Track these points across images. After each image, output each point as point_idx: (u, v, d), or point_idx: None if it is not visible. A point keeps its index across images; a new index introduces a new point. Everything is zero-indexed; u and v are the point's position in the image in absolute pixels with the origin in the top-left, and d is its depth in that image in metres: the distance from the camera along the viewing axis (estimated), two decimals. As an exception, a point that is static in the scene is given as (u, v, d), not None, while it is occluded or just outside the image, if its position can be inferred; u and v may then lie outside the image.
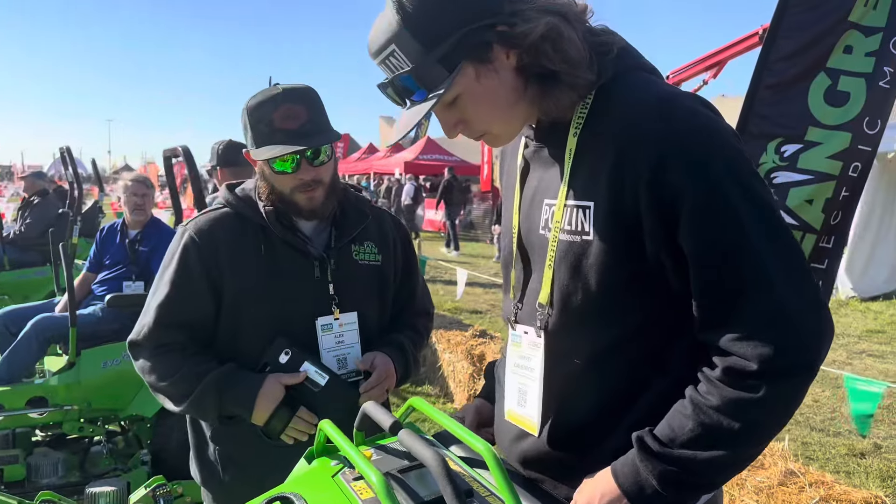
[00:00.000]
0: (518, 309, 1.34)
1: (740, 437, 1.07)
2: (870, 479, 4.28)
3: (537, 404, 1.27)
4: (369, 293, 1.97)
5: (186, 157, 4.16)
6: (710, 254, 1.08)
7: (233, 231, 1.85)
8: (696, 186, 1.07)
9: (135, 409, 3.99)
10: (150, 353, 1.83)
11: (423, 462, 1.05)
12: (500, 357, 1.53)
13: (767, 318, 1.06)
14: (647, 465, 1.11)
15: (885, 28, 3.80)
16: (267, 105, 1.76)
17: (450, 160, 23.49)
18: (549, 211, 1.24)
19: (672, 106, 1.12)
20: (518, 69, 1.17)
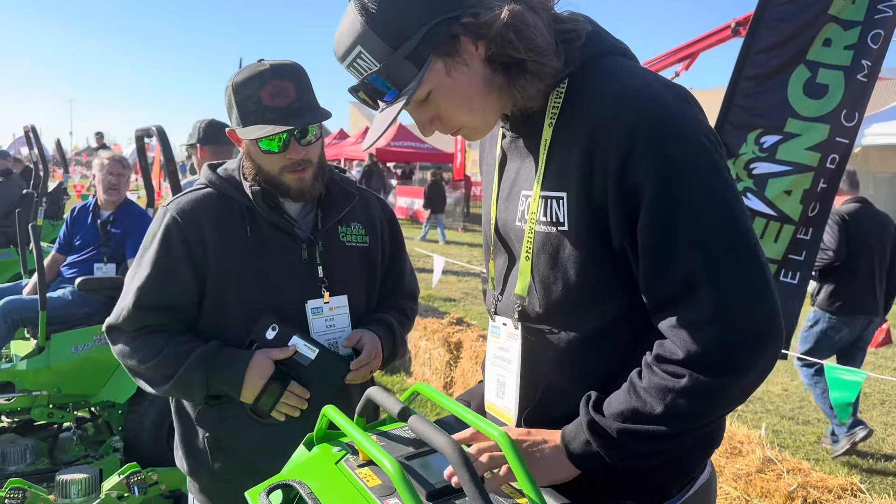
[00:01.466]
0: (498, 300, 1.33)
1: (661, 419, 1.08)
2: (838, 466, 4.38)
3: (514, 396, 1.26)
4: (358, 275, 1.92)
5: (161, 138, 4.06)
6: (663, 246, 1.08)
7: (217, 211, 1.78)
8: (655, 179, 1.07)
9: (106, 395, 3.89)
10: (129, 336, 1.75)
11: (437, 449, 1.01)
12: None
13: (706, 315, 1.06)
14: (583, 413, 1.14)
15: (864, 22, 3.86)
16: (254, 82, 1.68)
17: (422, 148, 23.42)
18: (525, 202, 1.23)
19: (639, 98, 1.10)
20: (487, 59, 1.16)
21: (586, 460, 1.14)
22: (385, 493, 1.11)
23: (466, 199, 20.99)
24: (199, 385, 1.70)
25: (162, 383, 1.73)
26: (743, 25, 8.37)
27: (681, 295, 1.08)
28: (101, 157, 4.42)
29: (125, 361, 1.77)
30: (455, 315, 6.09)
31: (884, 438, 4.88)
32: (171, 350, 1.71)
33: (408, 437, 1.31)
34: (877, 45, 3.73)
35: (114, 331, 1.79)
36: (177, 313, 1.77)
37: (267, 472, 1.66)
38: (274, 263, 1.78)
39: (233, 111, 1.74)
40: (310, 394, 1.73)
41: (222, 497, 1.84)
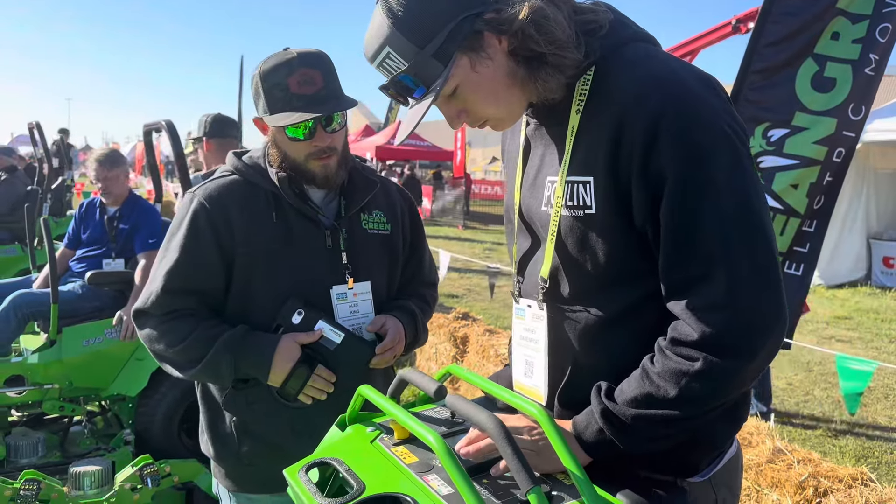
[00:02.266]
0: (520, 283, 1.37)
1: (674, 402, 1.11)
2: (846, 458, 4.40)
3: (543, 375, 1.29)
4: (380, 262, 1.94)
5: (171, 132, 4.07)
6: (683, 229, 1.11)
7: (243, 198, 1.80)
8: (678, 164, 1.10)
9: (117, 389, 3.90)
10: (157, 320, 1.77)
11: (478, 425, 1.03)
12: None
13: (721, 298, 1.09)
14: (595, 405, 1.17)
15: (872, 15, 3.87)
16: (282, 70, 1.71)
17: (421, 146, 23.40)
18: (551, 187, 1.26)
19: (664, 85, 1.13)
20: (510, 53, 1.19)
21: (599, 448, 1.16)
22: (424, 470, 1.13)
23: (466, 196, 21.01)
24: (228, 369, 1.71)
25: (189, 367, 1.74)
26: (743, 22, 8.41)
27: (697, 278, 1.11)
28: (89, 159, 4.41)
29: (152, 346, 1.79)
30: (461, 310, 6.10)
31: (889, 431, 4.90)
32: (200, 334, 1.73)
33: (438, 418, 1.32)
34: (884, 39, 3.75)
35: (141, 315, 1.81)
36: (204, 298, 1.79)
37: (294, 454, 1.67)
38: (299, 249, 1.80)
39: (260, 99, 1.76)
40: (336, 377, 1.75)
41: (249, 481, 1.85)
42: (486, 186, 26.51)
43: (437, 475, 1.11)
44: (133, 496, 3.20)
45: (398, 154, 23.05)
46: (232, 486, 1.88)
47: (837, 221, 10.12)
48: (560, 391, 1.27)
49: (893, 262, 10.42)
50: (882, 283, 10.33)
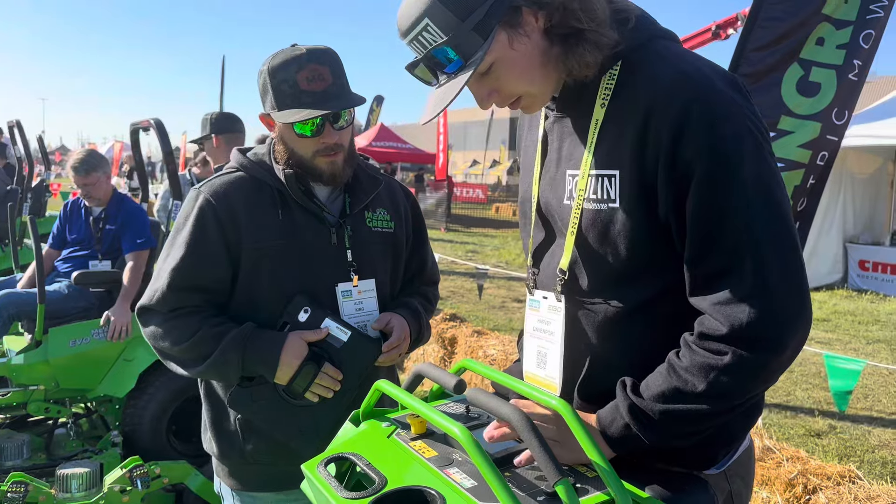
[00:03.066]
0: (536, 275, 1.38)
1: (702, 397, 1.12)
2: (828, 457, 4.47)
3: (558, 365, 1.30)
4: (383, 260, 1.94)
5: (160, 131, 4.04)
6: (709, 223, 1.13)
7: (249, 194, 1.80)
8: (706, 157, 1.12)
9: (104, 390, 3.86)
10: (163, 318, 1.76)
11: (501, 417, 1.04)
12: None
13: (749, 290, 1.10)
14: (624, 403, 1.17)
15: (856, 22, 3.94)
16: (291, 65, 1.70)
17: (403, 148, 23.40)
18: (572, 181, 1.27)
19: (698, 81, 1.15)
20: (545, 31, 1.19)
21: (624, 443, 1.17)
22: (444, 464, 1.13)
23: (448, 199, 21.02)
24: (235, 366, 1.70)
25: (195, 365, 1.73)
26: (723, 28, 8.52)
27: (723, 270, 1.12)
28: (68, 163, 4.34)
29: (157, 343, 1.77)
30: (448, 311, 6.10)
31: (870, 430, 4.99)
32: (206, 332, 1.72)
33: (454, 413, 1.33)
34: (868, 45, 3.82)
35: (146, 312, 1.79)
36: (210, 295, 1.78)
37: (299, 453, 1.68)
38: (305, 246, 1.80)
39: (267, 95, 1.75)
40: (342, 375, 1.75)
41: (253, 480, 1.84)
42: (467, 189, 26.56)
43: (459, 468, 1.11)
44: (122, 498, 3.16)
45: (379, 156, 22.99)
46: (236, 485, 1.86)
47: (815, 225, 10.25)
48: (579, 384, 1.28)
49: (869, 265, 10.60)
50: (858, 285, 10.51)
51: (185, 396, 3.96)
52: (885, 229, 11.25)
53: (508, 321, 8.12)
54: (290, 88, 1.70)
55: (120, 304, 3.89)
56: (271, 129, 1.84)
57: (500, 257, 13.70)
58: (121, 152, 26.25)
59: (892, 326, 8.36)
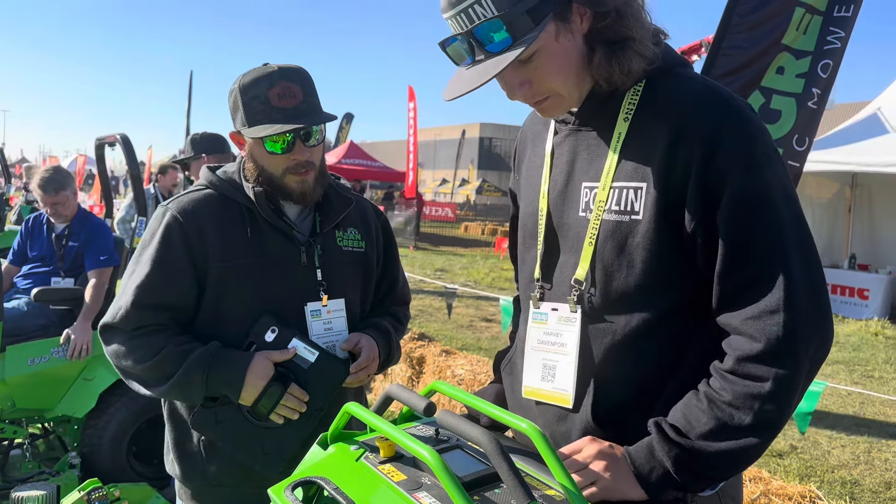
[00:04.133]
0: (543, 288, 1.37)
1: (752, 429, 1.12)
2: (790, 477, 4.53)
3: (572, 378, 1.29)
4: (353, 279, 1.94)
5: (126, 147, 3.99)
6: (741, 236, 1.15)
7: (218, 212, 1.78)
8: (741, 171, 1.16)
9: (63, 410, 3.76)
10: (126, 335, 1.72)
11: (472, 441, 1.04)
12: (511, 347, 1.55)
13: (782, 303, 1.12)
14: (664, 448, 1.16)
15: (814, 52, 4.07)
16: (262, 82, 1.71)
17: (372, 166, 23.41)
18: (590, 193, 1.28)
19: (726, 100, 1.20)
20: (587, 34, 1.22)
21: (663, 487, 1.16)
22: (412, 488, 1.12)
23: (417, 217, 21.03)
24: (199, 386, 1.67)
25: (158, 384, 1.70)
26: (687, 54, 8.72)
27: (753, 283, 1.15)
28: (35, 178, 4.25)
29: (119, 362, 1.74)
30: (416, 331, 6.09)
31: (829, 451, 5.08)
32: (170, 350, 1.69)
33: (423, 436, 1.32)
34: (826, 75, 3.94)
35: (109, 330, 1.75)
36: (175, 313, 1.76)
37: (263, 475, 1.66)
38: (273, 265, 1.78)
39: (238, 112, 1.75)
40: (308, 397, 1.73)
41: (216, 502, 1.81)
42: (436, 208, 26.60)
43: (428, 492, 1.11)
44: (80, 522, 3.08)
45: (349, 174, 22.95)
46: None
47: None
48: (591, 401, 1.27)
49: (828, 287, 10.84)
50: (818, 307, 10.72)
51: (147, 417, 3.88)
52: (843, 253, 11.55)
53: (477, 340, 8.12)
54: (262, 105, 1.71)
55: (81, 321, 3.80)
56: (241, 147, 1.83)
57: (468, 276, 13.73)
58: (84, 166, 25.78)
59: (851, 348, 8.56)
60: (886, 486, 4.48)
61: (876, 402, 6.20)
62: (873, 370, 7.51)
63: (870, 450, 5.12)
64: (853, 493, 4.35)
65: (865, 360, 7.93)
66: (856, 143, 10.00)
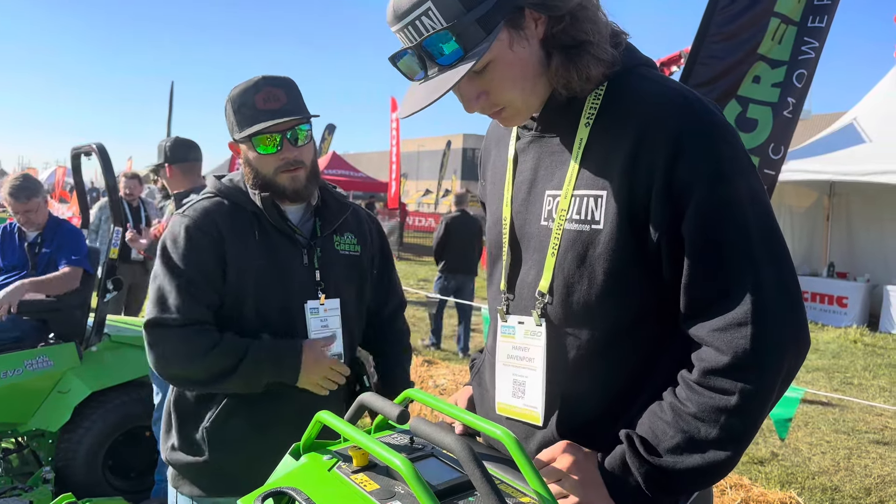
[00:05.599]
0: (510, 300, 1.33)
1: (719, 443, 1.09)
2: (771, 483, 4.55)
3: (540, 393, 1.25)
4: (349, 281, 2.05)
5: (102, 156, 3.94)
6: (709, 245, 1.11)
7: (229, 216, 1.90)
8: (707, 178, 1.10)
9: (37, 424, 3.68)
10: (179, 333, 1.81)
11: (446, 448, 1.03)
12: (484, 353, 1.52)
13: (750, 315, 1.08)
14: (635, 463, 1.13)
15: (789, 62, 4.13)
16: (249, 90, 1.87)
17: (355, 176, 23.37)
18: (552, 202, 1.24)
19: (691, 102, 1.15)
20: (543, 40, 1.17)
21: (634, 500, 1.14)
22: (385, 497, 1.11)
23: (401, 228, 21.02)
24: (266, 375, 1.82)
25: (219, 379, 1.81)
26: (667, 65, 8.80)
27: (722, 293, 1.10)
28: (3, 185, 4.19)
29: (169, 359, 1.83)
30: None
31: (810, 458, 5.11)
32: (227, 345, 1.81)
33: (398, 444, 1.31)
34: (801, 84, 4.00)
35: (158, 327, 1.83)
36: (212, 312, 1.86)
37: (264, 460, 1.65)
38: (281, 266, 1.91)
39: (231, 120, 1.90)
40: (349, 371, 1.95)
41: (216, 485, 1.90)
42: (419, 218, 26.59)
43: (401, 502, 1.09)
44: (53, 538, 3.02)
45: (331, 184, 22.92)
46: (197, 493, 1.91)
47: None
48: (557, 417, 1.24)
49: (807, 295, 10.96)
50: (798, 315, 10.82)
51: (124, 430, 3.82)
52: (822, 261, 11.68)
53: (459, 350, 8.10)
54: (249, 110, 1.86)
55: (22, 284, 3.75)
56: (238, 154, 1.97)
57: (451, 286, 13.70)
58: (63, 177, 25.54)
59: (830, 355, 8.64)
60: (867, 492, 4.51)
61: (855, 409, 6.26)
62: (852, 377, 7.59)
63: (850, 456, 5.15)
64: (834, 499, 4.37)
65: (845, 368, 8.01)
66: (833, 152, 10.14)
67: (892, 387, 7.23)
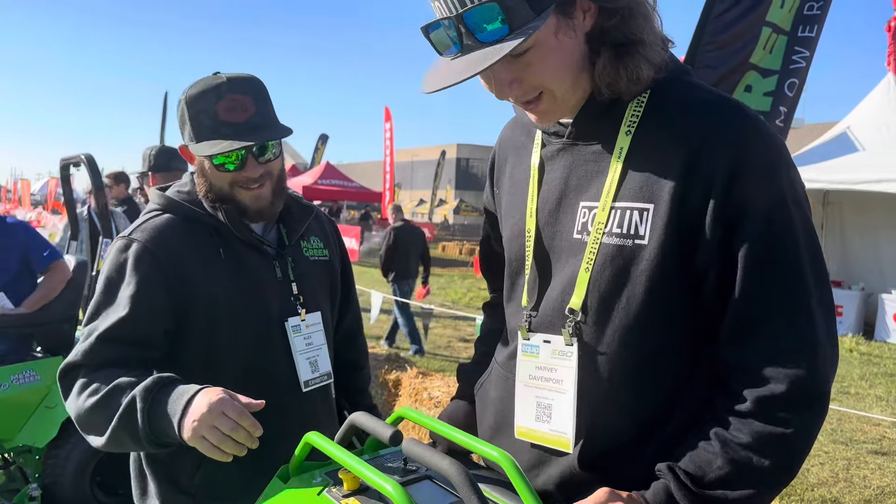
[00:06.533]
0: (532, 317, 1.25)
1: (771, 474, 1.04)
2: (769, 495, 4.51)
3: (571, 418, 1.17)
4: (323, 290, 1.87)
5: (90, 167, 3.90)
6: (759, 267, 1.06)
7: (187, 235, 1.64)
8: (767, 201, 1.06)
9: (24, 440, 3.61)
10: (86, 375, 1.52)
11: (440, 471, 0.98)
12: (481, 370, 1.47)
13: (801, 343, 1.05)
14: (683, 498, 1.06)
15: (781, 71, 4.13)
16: (210, 95, 1.59)
17: (349, 186, 23.35)
18: (588, 214, 1.17)
19: (746, 115, 1.10)
20: (589, 33, 1.11)
21: None
22: (377, 523, 1.06)
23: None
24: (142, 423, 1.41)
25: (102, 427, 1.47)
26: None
27: (772, 318, 1.06)
28: None
29: (75, 404, 1.53)
30: (393, 352, 6.01)
31: (808, 469, 5.07)
32: (122, 381, 1.47)
33: (391, 466, 1.26)
34: (792, 93, 4.00)
35: (70, 372, 1.56)
36: (142, 349, 1.59)
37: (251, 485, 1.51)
38: (253, 283, 1.68)
39: (185, 126, 1.64)
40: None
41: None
42: (413, 228, 26.52)
43: (392, 528, 1.04)
44: (38, 558, 2.95)
45: (325, 194, 22.91)
46: None
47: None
48: (583, 442, 1.16)
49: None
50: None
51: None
52: (817, 269, 11.65)
53: (454, 362, 8.05)
54: (209, 119, 1.59)
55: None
56: (192, 161, 1.71)
57: (446, 296, 13.66)
58: (56, 188, 25.43)
59: (826, 364, 8.60)
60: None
61: (853, 419, 6.22)
62: (849, 386, 7.55)
63: (848, 467, 5.11)
64: (833, 512, 4.33)
65: (841, 377, 7.98)
66: (827, 161, 10.15)
67: (889, 396, 7.20)
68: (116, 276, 1.60)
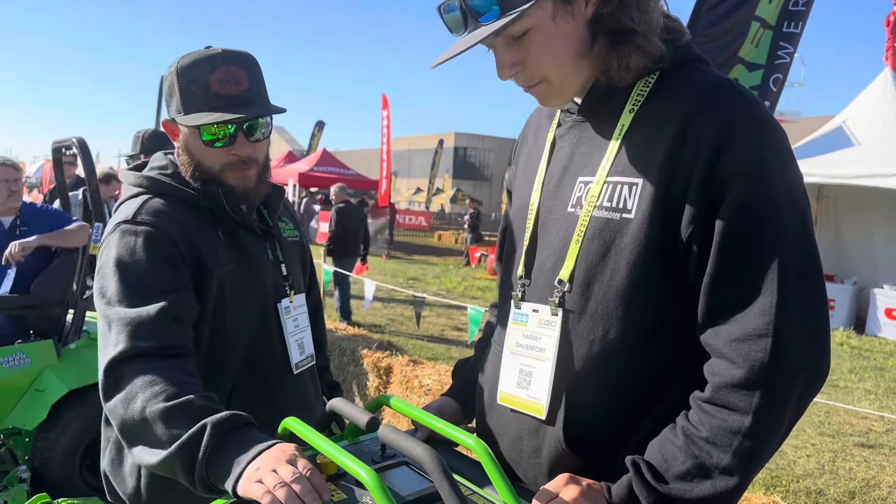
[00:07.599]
0: (525, 286, 1.28)
1: (730, 469, 1.03)
2: (756, 487, 4.54)
3: (547, 386, 1.19)
4: (302, 271, 1.88)
5: (82, 150, 3.89)
6: (738, 244, 1.06)
7: (189, 218, 1.57)
8: (746, 173, 1.06)
9: (13, 422, 3.62)
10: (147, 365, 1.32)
11: (415, 458, 0.99)
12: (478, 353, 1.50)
13: (770, 327, 1.02)
14: (643, 492, 1.07)
15: (766, 65, 4.14)
16: (203, 66, 1.53)
17: (345, 174, 23.28)
18: (584, 188, 1.19)
19: (736, 96, 1.10)
20: (591, 21, 1.14)
21: None
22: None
23: (391, 225, 20.97)
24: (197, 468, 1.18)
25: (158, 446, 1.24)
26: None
27: (745, 301, 1.04)
28: None
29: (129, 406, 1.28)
30: (384, 340, 6.03)
31: (795, 461, 5.10)
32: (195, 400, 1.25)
33: (368, 452, 1.27)
34: (776, 88, 4.01)
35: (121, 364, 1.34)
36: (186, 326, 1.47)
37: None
38: (252, 265, 1.65)
39: (174, 97, 1.57)
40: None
41: None
42: (410, 216, 26.55)
43: (367, 513, 1.06)
44: (27, 539, 2.96)
45: (322, 181, 22.85)
46: None
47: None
48: (564, 418, 1.18)
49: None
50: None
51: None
52: (810, 263, 11.69)
53: (446, 350, 8.07)
54: (200, 90, 1.53)
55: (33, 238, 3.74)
56: (175, 137, 1.63)
57: (440, 285, 13.69)
58: (50, 171, 25.33)
59: (816, 357, 8.64)
60: (851, 496, 4.50)
61: (841, 412, 6.27)
62: (838, 380, 7.60)
63: (834, 459, 5.15)
64: (818, 503, 4.37)
65: (830, 370, 8.01)
66: (822, 155, 10.15)
67: (878, 389, 7.26)
68: (128, 257, 1.48)
